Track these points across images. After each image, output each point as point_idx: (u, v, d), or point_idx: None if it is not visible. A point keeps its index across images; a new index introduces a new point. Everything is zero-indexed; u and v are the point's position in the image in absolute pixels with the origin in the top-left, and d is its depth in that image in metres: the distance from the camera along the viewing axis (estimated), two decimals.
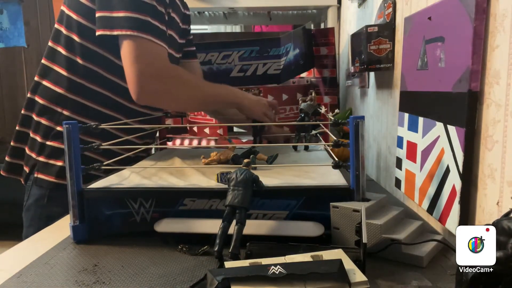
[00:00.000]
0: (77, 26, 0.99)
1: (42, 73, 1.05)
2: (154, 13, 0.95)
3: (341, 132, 1.45)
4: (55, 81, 1.03)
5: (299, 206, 0.73)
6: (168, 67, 1.00)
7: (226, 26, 3.65)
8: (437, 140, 0.78)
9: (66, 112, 1.02)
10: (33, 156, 1.05)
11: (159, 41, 0.96)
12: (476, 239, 0.45)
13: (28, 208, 1.05)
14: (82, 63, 1.01)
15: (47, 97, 1.03)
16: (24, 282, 0.60)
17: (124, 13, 0.92)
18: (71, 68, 1.01)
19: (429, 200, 0.81)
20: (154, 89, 0.97)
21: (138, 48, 0.93)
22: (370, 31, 1.07)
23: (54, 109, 1.03)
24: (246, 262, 0.55)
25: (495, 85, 0.62)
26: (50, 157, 1.03)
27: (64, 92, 1.02)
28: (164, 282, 0.60)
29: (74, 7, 1.00)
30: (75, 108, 1.02)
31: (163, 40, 0.98)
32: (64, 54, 1.02)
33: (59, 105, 1.03)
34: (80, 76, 1.02)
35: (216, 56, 1.35)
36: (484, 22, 0.64)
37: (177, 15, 1.12)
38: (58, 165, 1.02)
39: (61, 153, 1.01)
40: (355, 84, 1.49)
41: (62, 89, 1.02)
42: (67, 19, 1.01)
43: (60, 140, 1.02)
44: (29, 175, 1.05)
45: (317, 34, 1.53)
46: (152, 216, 0.76)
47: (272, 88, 1.37)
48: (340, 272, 0.50)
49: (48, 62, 1.04)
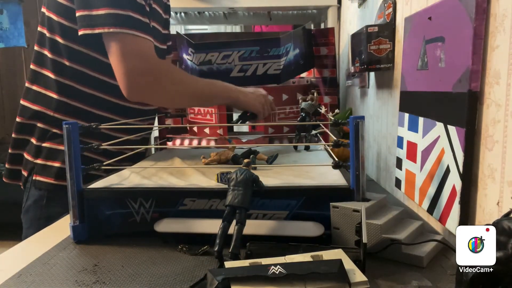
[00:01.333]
0: (59, 27, 0.98)
1: (31, 78, 1.04)
2: (135, 6, 0.93)
3: (341, 132, 1.45)
4: (45, 85, 1.02)
5: (299, 206, 0.73)
6: (157, 61, 0.98)
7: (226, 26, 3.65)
8: (437, 140, 0.78)
9: (59, 116, 1.01)
10: (30, 160, 1.04)
11: (144, 35, 0.94)
12: (476, 239, 0.45)
13: (27, 210, 1.05)
14: (69, 65, 1.00)
15: (39, 102, 1.03)
16: (24, 282, 0.60)
17: (104, 10, 0.90)
18: (58, 71, 1.00)
19: (429, 200, 0.81)
20: (144, 85, 0.95)
21: (124, 45, 0.91)
22: (370, 31, 1.07)
23: (47, 113, 1.02)
24: (246, 262, 0.55)
25: (495, 85, 0.62)
26: (48, 158, 1.02)
27: (55, 96, 1.01)
28: (164, 282, 0.60)
29: (53, 8, 0.98)
30: (67, 111, 1.01)
31: (148, 33, 0.96)
32: (50, 57, 1.00)
33: (51, 109, 1.02)
34: (69, 78, 1.00)
35: (216, 56, 1.35)
36: (484, 22, 0.64)
37: (158, 5, 1.09)
38: (56, 166, 1.01)
39: (58, 154, 1.01)
40: (355, 84, 1.49)
41: (52, 92, 1.01)
42: (48, 21, 1.00)
43: (56, 141, 1.02)
44: (28, 178, 1.05)
45: (317, 34, 1.53)
46: (152, 216, 0.76)
47: (272, 88, 1.37)
48: (340, 272, 0.50)
49: (36, 67, 1.03)
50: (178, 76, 1.03)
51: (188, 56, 1.38)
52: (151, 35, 0.97)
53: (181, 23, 2.11)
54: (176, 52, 1.46)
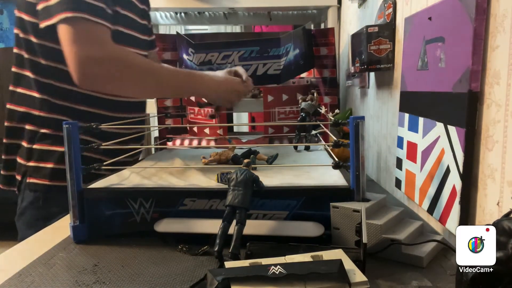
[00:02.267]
0: (31, 27, 0.97)
1: (14, 81, 1.04)
2: None
3: (341, 132, 1.45)
4: (28, 86, 1.02)
5: (299, 206, 0.73)
6: (111, 48, 0.92)
7: (226, 26, 3.66)
8: (438, 140, 0.78)
9: (44, 114, 1.00)
10: (23, 163, 1.03)
11: (98, 19, 0.89)
12: (476, 239, 0.45)
13: (22, 212, 1.03)
14: (46, 63, 0.99)
15: (24, 103, 1.02)
16: (24, 282, 0.60)
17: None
18: (36, 70, 1.00)
19: (429, 201, 0.81)
20: (95, 72, 0.89)
21: (74, 28, 0.87)
22: (370, 31, 1.07)
23: (33, 113, 1.01)
24: (246, 262, 0.55)
25: (495, 85, 0.62)
26: (40, 160, 1.01)
27: (38, 95, 1.00)
28: (164, 282, 0.60)
29: (24, 7, 0.97)
30: (51, 109, 1.00)
31: (104, 18, 0.91)
32: (27, 58, 1.00)
33: (36, 108, 1.01)
34: (47, 77, 1.00)
35: (216, 56, 1.35)
36: (484, 23, 0.64)
37: None
38: (49, 167, 1.00)
39: (50, 155, 1.00)
40: (355, 84, 1.49)
41: (35, 92, 1.01)
42: (20, 21, 0.99)
43: (46, 142, 1.01)
44: (22, 181, 1.04)
45: (317, 34, 1.53)
46: (152, 216, 0.76)
47: (272, 88, 1.37)
48: (340, 272, 0.50)
49: (17, 69, 1.03)
50: (134, 64, 0.95)
51: (188, 56, 1.38)
52: (108, 21, 0.92)
53: (181, 23, 2.11)
54: (176, 52, 1.46)
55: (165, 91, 1.10)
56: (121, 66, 0.93)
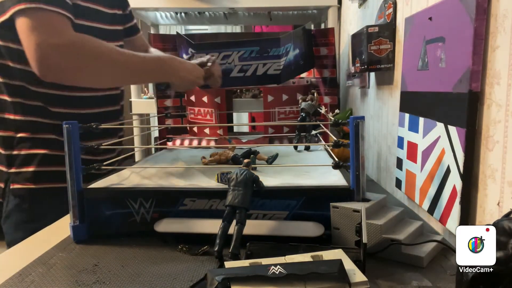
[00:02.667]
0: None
1: None
2: None
3: (341, 132, 1.45)
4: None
5: (299, 206, 0.73)
6: (71, 35, 0.88)
7: (226, 26, 3.66)
8: (438, 140, 0.78)
9: (18, 117, 0.99)
10: (5, 170, 1.01)
11: (55, 8, 0.86)
12: (476, 239, 0.45)
13: (8, 216, 1.01)
14: (13, 65, 0.96)
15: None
16: (24, 282, 0.60)
17: None
18: (5, 73, 0.98)
19: (429, 201, 0.81)
20: (56, 61, 0.85)
21: (31, 19, 0.84)
22: (370, 32, 1.07)
23: (6, 117, 0.99)
24: (246, 262, 0.55)
25: (496, 86, 0.62)
26: (21, 165, 0.99)
27: (8, 99, 0.98)
28: (164, 282, 0.60)
29: None
30: (24, 112, 0.99)
31: (62, 7, 0.88)
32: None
33: (8, 111, 0.99)
34: (16, 79, 0.97)
35: (216, 56, 1.35)
36: (484, 23, 0.64)
37: None
38: (31, 171, 0.99)
39: (31, 159, 0.99)
40: (356, 85, 1.49)
41: (5, 96, 0.99)
42: None
43: (25, 146, 0.99)
44: (5, 189, 1.01)
45: (317, 34, 1.53)
46: (152, 216, 0.76)
47: (272, 88, 1.37)
48: (340, 272, 0.50)
49: None
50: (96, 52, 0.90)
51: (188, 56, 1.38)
52: (67, 10, 0.89)
53: (181, 23, 2.11)
54: (176, 52, 1.46)
55: (133, 78, 1.08)
56: (83, 53, 0.88)
